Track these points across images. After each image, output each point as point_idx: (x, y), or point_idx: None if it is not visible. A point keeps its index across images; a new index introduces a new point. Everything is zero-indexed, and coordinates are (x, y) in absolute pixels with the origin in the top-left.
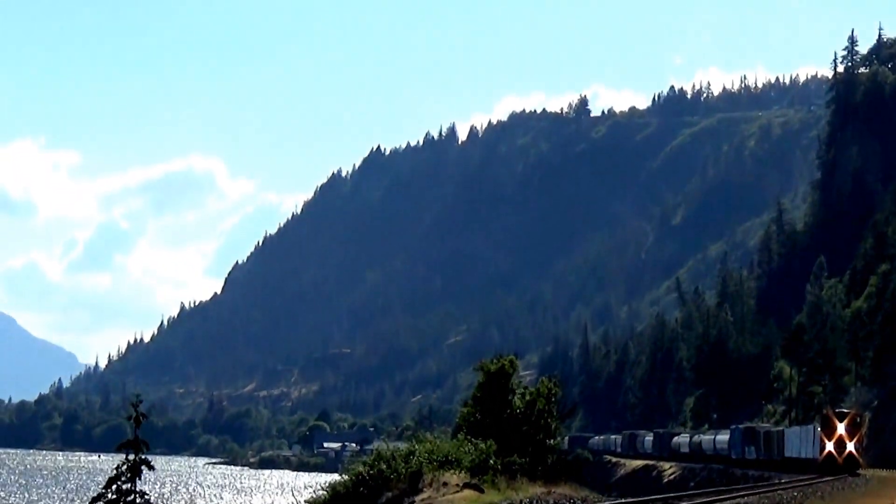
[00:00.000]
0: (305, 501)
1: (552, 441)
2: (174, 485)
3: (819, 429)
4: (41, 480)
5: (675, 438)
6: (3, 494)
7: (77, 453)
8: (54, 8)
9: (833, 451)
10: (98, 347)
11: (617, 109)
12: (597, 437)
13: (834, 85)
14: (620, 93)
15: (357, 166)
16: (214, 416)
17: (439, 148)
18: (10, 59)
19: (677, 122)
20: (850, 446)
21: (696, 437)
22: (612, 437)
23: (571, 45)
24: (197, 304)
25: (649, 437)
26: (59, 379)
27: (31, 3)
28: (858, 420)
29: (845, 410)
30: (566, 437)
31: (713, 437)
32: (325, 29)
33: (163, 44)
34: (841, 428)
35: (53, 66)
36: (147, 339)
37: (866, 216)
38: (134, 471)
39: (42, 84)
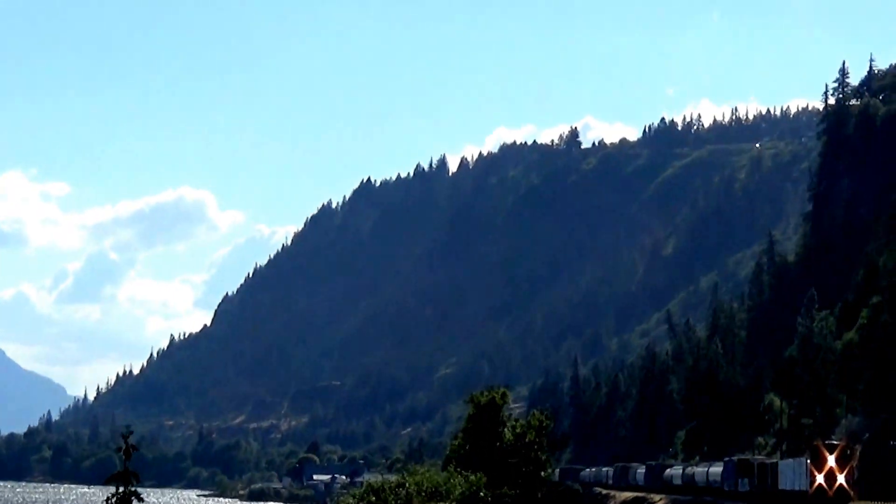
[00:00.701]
0: None
1: (543, 473)
2: None
3: (809, 461)
4: None
5: (668, 471)
6: None
7: (67, 486)
8: (45, 41)
9: (823, 483)
10: (87, 379)
11: (608, 141)
12: (588, 470)
13: (825, 117)
14: (612, 125)
15: (347, 198)
16: (204, 449)
17: (430, 179)
18: (1, 91)
19: (668, 154)
20: (841, 478)
21: (688, 469)
22: (604, 469)
23: (563, 77)
24: (187, 336)
25: (641, 470)
26: (49, 411)
27: (21, 35)
28: (849, 452)
29: (835, 442)
30: (557, 470)
31: (706, 469)
32: (316, 61)
33: (154, 76)
34: (831, 460)
35: (45, 97)
36: (136, 371)
37: (858, 248)
38: (123, 503)
39: (33, 116)
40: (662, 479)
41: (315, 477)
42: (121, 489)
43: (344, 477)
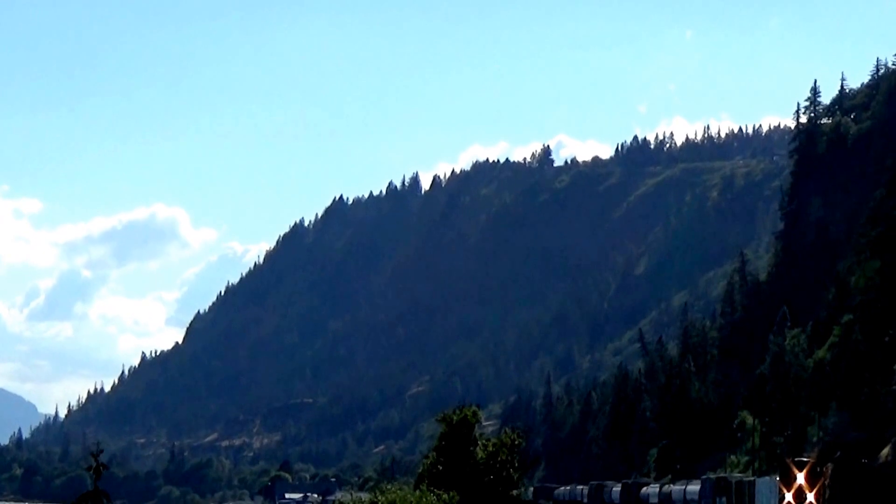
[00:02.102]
0: None
1: (515, 492)
2: None
3: (777, 479)
4: None
5: (644, 489)
6: None
7: None
8: (15, 58)
9: (793, 501)
10: (59, 397)
11: (580, 159)
12: (563, 488)
13: (797, 135)
14: (585, 142)
15: (319, 216)
16: (176, 467)
17: (402, 198)
18: None
19: (640, 172)
20: (811, 497)
21: (665, 488)
22: (579, 487)
23: (537, 94)
24: (158, 353)
25: (617, 488)
26: (19, 429)
27: None
28: (819, 470)
29: (805, 459)
30: (531, 488)
31: (683, 487)
32: (288, 79)
33: (127, 93)
34: (800, 477)
35: (15, 113)
36: (108, 388)
37: (829, 266)
38: None
39: (4, 131)
40: (638, 497)
41: (287, 495)
42: None
43: (316, 496)
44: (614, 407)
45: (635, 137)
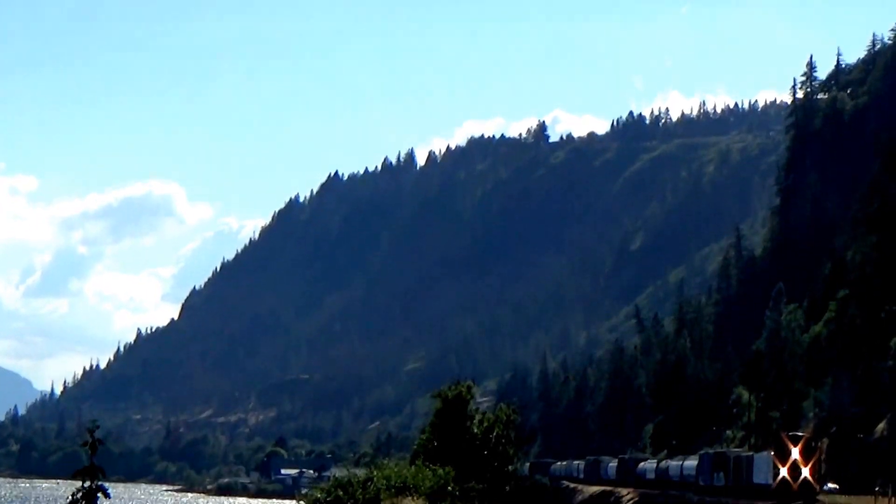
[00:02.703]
0: None
1: (510, 467)
2: None
3: (772, 453)
4: None
5: (641, 464)
6: None
7: (33, 480)
8: (9, 35)
9: (787, 476)
10: (54, 374)
11: (576, 135)
12: (559, 464)
13: (793, 111)
14: (581, 118)
15: (315, 192)
16: (171, 443)
17: (397, 173)
18: None
19: (636, 148)
20: (805, 472)
21: (662, 464)
22: (575, 462)
23: (532, 69)
24: (154, 330)
25: (613, 464)
26: (15, 406)
27: None
28: (813, 444)
29: (800, 434)
30: (527, 464)
31: (681, 463)
32: (283, 54)
33: (122, 69)
34: (795, 452)
35: (11, 90)
36: (103, 365)
37: (825, 242)
38: (89, 498)
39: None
40: (635, 473)
41: (283, 471)
42: (87, 484)
43: (311, 471)
44: (610, 383)
45: (631, 113)
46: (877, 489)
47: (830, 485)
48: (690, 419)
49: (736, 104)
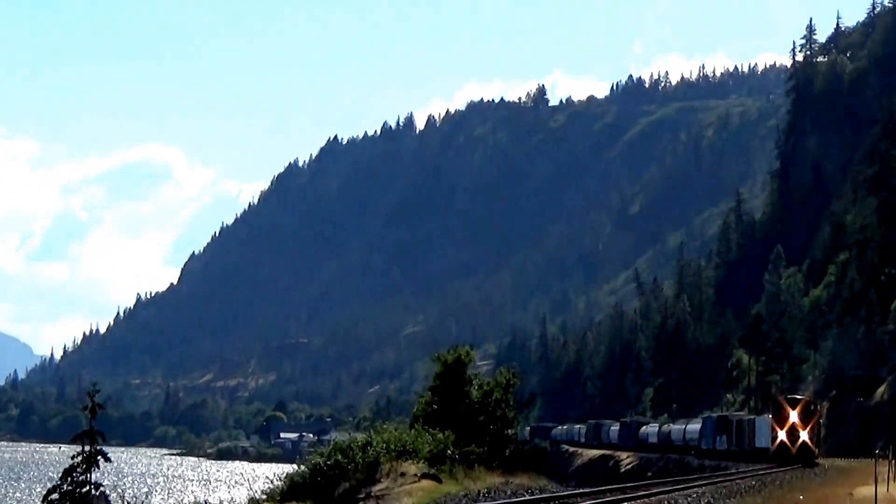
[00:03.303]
0: (262, 493)
1: (510, 431)
2: (130, 476)
3: (770, 416)
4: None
5: (643, 428)
6: None
7: (33, 444)
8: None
9: (785, 440)
10: (54, 338)
11: (575, 98)
12: (560, 427)
13: (793, 74)
14: (580, 80)
15: (314, 156)
16: (171, 407)
17: (396, 137)
18: None
19: (635, 111)
20: (804, 435)
21: (664, 427)
22: (577, 426)
23: (532, 32)
24: (153, 294)
25: (615, 427)
26: (15, 370)
27: None
28: (812, 407)
29: (798, 397)
30: (528, 428)
31: (683, 426)
32: (282, 17)
33: (122, 33)
34: (794, 416)
35: (11, 55)
36: (103, 329)
37: (825, 205)
38: (89, 462)
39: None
40: (637, 436)
41: (282, 435)
42: (87, 448)
43: (311, 435)
44: (610, 347)
45: (630, 76)
46: (877, 452)
47: None
48: (690, 383)
49: (735, 67)
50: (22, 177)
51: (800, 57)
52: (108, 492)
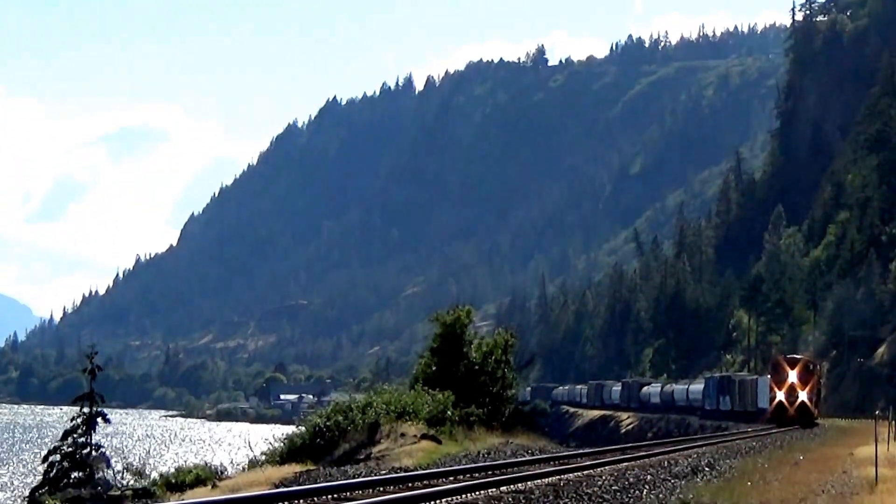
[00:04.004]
0: (262, 454)
1: (509, 392)
2: (130, 438)
3: (769, 376)
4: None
5: (645, 388)
6: None
7: (33, 406)
8: None
9: (784, 400)
10: (53, 300)
11: (575, 58)
12: (561, 388)
13: (792, 33)
14: (580, 40)
15: (313, 117)
16: (171, 369)
17: (396, 98)
18: None
19: (635, 71)
20: (803, 395)
21: (667, 387)
22: (578, 387)
23: None
24: (153, 256)
25: (617, 388)
26: (14, 332)
27: None
28: (812, 367)
29: (797, 356)
30: (529, 388)
31: (686, 386)
32: None
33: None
34: (792, 375)
35: (12, 14)
36: (102, 291)
37: (825, 165)
38: (89, 424)
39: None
40: (639, 397)
41: (282, 397)
42: (87, 409)
43: (311, 396)
44: (609, 307)
45: (630, 36)
46: (877, 413)
47: None
48: (690, 343)
49: (735, 27)
50: (21, 138)
51: (800, 16)
52: (108, 453)
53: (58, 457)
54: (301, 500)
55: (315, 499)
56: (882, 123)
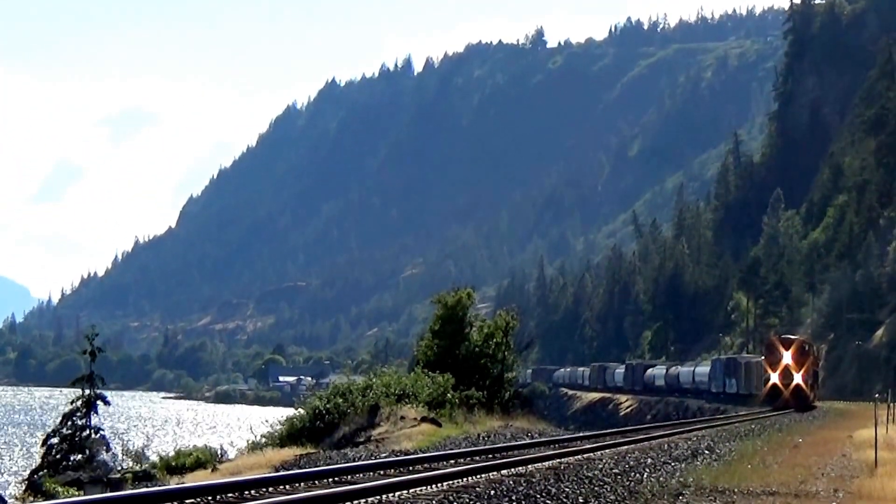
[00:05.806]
0: (261, 436)
1: (510, 374)
2: (129, 419)
3: (763, 358)
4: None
5: (649, 371)
6: None
7: (31, 388)
8: None
9: (778, 382)
10: (52, 281)
11: (573, 40)
12: (562, 370)
13: (791, 16)
14: (580, 18)
15: (312, 98)
16: (169, 351)
17: (395, 79)
18: None
19: (634, 54)
20: (798, 377)
21: (672, 370)
22: (580, 369)
23: None
24: (151, 237)
25: (620, 370)
26: (13, 313)
27: None
28: (807, 348)
29: (792, 337)
30: (530, 370)
31: (692, 369)
32: None
33: None
34: (787, 357)
35: None
36: (101, 273)
37: (823, 148)
38: (89, 406)
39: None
40: (643, 379)
41: (281, 378)
42: (86, 391)
43: (310, 378)
44: (608, 289)
45: (629, 18)
46: (876, 396)
47: None
48: (688, 325)
49: (734, 9)
50: (21, 120)
51: None
52: (107, 435)
53: (57, 439)
54: (302, 484)
55: (316, 482)
56: (880, 106)
